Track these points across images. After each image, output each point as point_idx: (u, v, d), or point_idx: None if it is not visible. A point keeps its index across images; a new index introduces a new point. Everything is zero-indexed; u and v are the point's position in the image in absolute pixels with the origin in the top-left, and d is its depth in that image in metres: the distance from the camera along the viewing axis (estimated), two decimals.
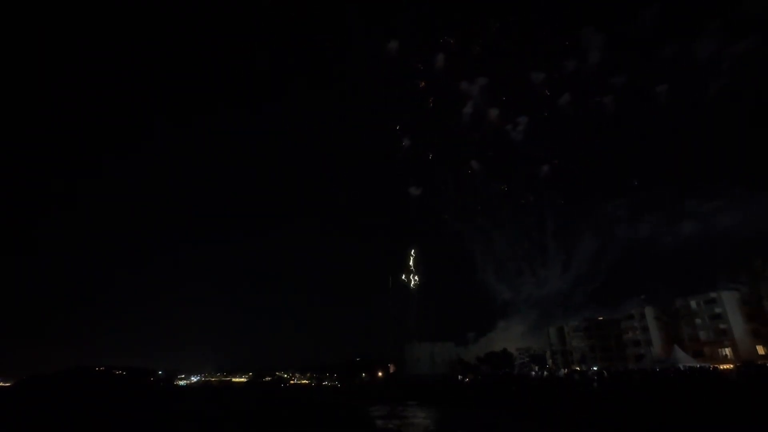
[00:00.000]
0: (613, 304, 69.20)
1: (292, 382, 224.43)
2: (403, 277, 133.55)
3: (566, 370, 70.09)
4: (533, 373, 68.99)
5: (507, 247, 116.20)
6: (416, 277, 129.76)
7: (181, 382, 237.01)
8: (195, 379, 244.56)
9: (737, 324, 56.68)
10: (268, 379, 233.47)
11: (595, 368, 65.16)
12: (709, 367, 44.67)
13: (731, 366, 47.68)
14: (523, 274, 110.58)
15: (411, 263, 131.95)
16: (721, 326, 57.96)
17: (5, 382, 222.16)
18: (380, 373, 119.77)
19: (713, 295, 60.02)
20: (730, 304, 57.96)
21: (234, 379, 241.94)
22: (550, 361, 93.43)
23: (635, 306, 72.33)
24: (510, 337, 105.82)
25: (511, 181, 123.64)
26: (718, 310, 58.77)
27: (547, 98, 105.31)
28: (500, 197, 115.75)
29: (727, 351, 56.50)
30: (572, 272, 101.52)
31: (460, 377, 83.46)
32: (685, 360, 47.20)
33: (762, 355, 53.19)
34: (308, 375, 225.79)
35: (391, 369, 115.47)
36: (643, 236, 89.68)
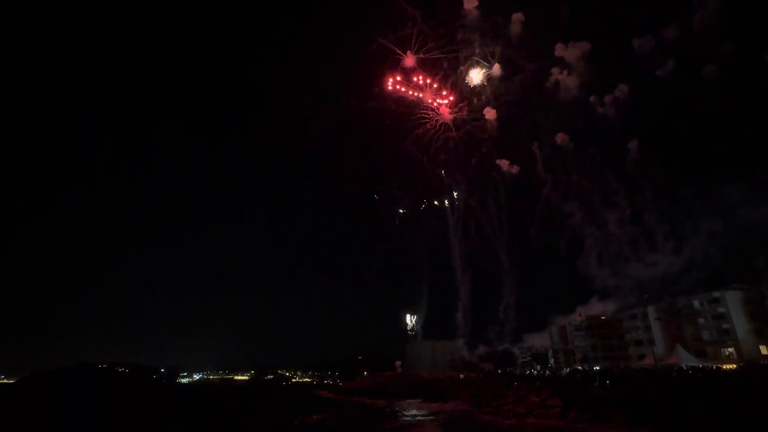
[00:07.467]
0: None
1: (293, 380, 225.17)
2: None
3: (568, 369, 69.98)
4: (534, 372, 68.90)
5: (606, 227, 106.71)
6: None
7: (184, 380, 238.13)
8: (197, 377, 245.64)
9: (740, 324, 56.52)
10: (269, 377, 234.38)
11: (597, 368, 64.99)
12: (712, 366, 44.50)
13: (734, 366, 47.53)
14: (624, 256, 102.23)
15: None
16: (724, 326, 57.81)
17: (9, 378, 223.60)
18: (385, 371, 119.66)
19: (716, 294, 59.85)
20: (733, 303, 57.75)
21: (236, 377, 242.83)
22: (551, 360, 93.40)
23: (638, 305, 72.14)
24: None
25: (608, 155, 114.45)
26: (721, 309, 58.55)
27: (648, 66, 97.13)
28: (596, 174, 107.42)
29: (730, 351, 56.37)
30: (682, 256, 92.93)
31: (462, 376, 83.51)
32: (687, 360, 46.95)
33: (765, 355, 53.06)
34: (310, 373, 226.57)
35: (398, 368, 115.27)
36: (761, 220, 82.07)
